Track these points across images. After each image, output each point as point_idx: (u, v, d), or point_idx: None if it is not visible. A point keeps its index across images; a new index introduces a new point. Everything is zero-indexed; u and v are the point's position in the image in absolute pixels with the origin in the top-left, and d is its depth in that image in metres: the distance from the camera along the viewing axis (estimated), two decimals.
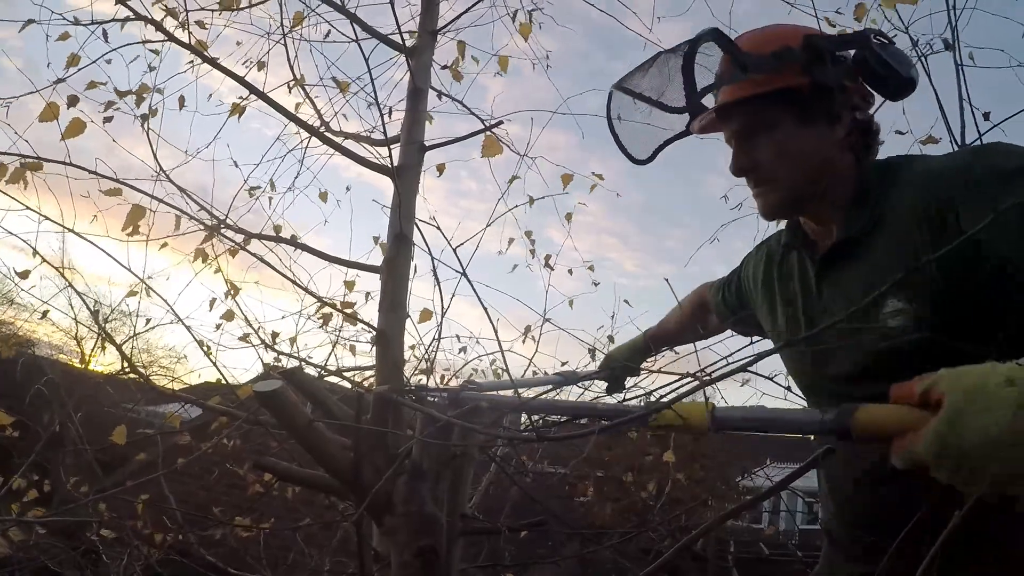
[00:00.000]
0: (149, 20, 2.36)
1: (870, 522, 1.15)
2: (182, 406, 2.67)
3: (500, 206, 2.43)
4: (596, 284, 3.45)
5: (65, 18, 2.44)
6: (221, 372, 2.45)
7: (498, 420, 1.93)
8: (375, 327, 2.07)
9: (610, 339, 3.37)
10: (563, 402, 1.61)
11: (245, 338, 2.71)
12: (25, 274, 2.42)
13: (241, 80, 2.32)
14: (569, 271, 3.35)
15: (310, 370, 2.38)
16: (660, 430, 0.95)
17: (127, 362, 2.33)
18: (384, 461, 1.75)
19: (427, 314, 2.41)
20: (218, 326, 2.77)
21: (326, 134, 2.45)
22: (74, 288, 2.26)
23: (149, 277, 2.26)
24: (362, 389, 1.94)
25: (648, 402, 0.97)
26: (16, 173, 2.11)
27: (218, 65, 2.37)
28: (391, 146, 2.13)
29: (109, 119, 2.56)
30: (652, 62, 1.16)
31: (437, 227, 1.50)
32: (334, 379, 2.55)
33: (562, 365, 3.29)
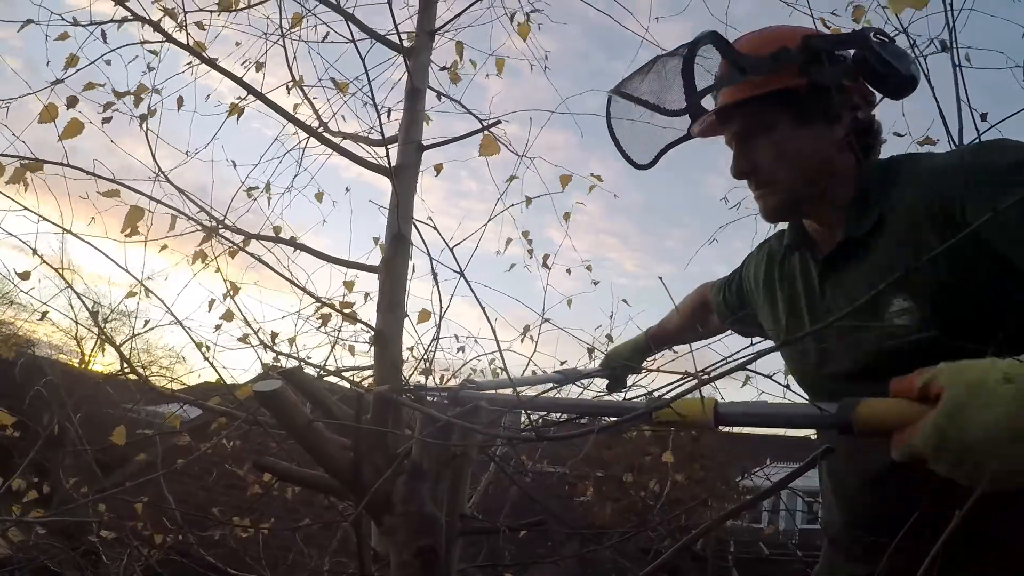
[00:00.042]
0: (147, 21, 2.36)
1: (874, 522, 1.14)
2: (180, 406, 2.67)
3: (499, 205, 2.43)
4: (595, 283, 3.45)
5: (64, 18, 2.45)
6: (219, 373, 2.45)
7: (497, 420, 1.93)
8: (373, 327, 2.07)
9: (608, 338, 3.37)
10: (565, 400, 1.61)
11: (244, 339, 2.71)
12: (25, 275, 2.42)
13: (239, 81, 2.33)
14: (567, 270, 3.35)
15: (309, 370, 2.38)
16: (663, 426, 0.95)
17: (126, 363, 2.33)
18: (384, 461, 1.75)
19: (425, 314, 2.41)
20: (217, 327, 2.78)
21: (324, 134, 2.45)
22: (73, 290, 2.26)
23: (148, 278, 2.26)
24: (362, 389, 1.93)
25: (651, 398, 0.97)
26: (17, 173, 2.10)
27: (216, 66, 2.37)
28: (389, 146, 2.13)
29: (108, 120, 2.56)
30: (650, 66, 1.15)
31: (434, 227, 1.50)
32: (333, 379, 2.55)
33: (561, 364, 3.29)
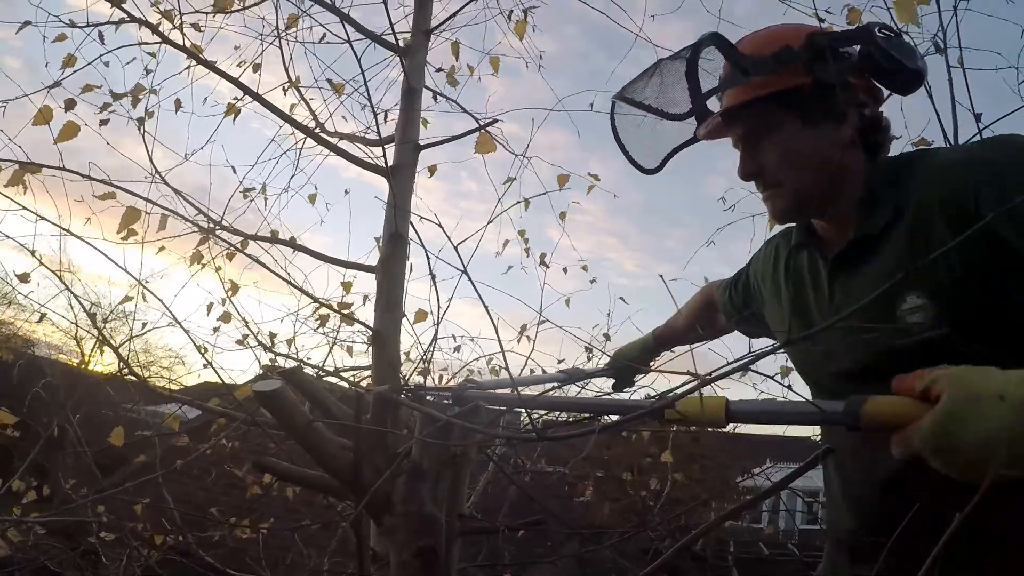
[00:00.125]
0: (143, 23, 2.37)
1: (882, 523, 1.12)
2: (179, 407, 2.67)
3: (499, 207, 2.43)
4: (592, 282, 3.45)
5: (61, 20, 2.45)
6: (218, 374, 2.45)
7: (496, 419, 1.93)
8: (371, 327, 2.07)
9: (606, 337, 3.36)
10: (570, 399, 1.60)
11: (243, 340, 2.71)
12: (24, 277, 2.42)
13: (235, 81, 2.33)
14: (564, 269, 3.34)
15: (308, 371, 2.38)
16: (675, 423, 0.97)
17: (124, 364, 2.33)
18: (384, 461, 1.75)
19: (422, 314, 2.41)
20: (215, 329, 2.78)
21: (321, 135, 2.45)
22: (71, 292, 2.25)
23: (147, 279, 2.26)
24: (362, 389, 1.94)
25: (655, 398, 0.98)
26: (15, 176, 2.10)
27: (213, 67, 2.38)
28: (386, 146, 2.13)
29: (105, 122, 2.56)
30: (653, 70, 1.14)
31: (439, 224, 1.49)
32: (332, 379, 2.55)
33: (559, 363, 3.30)
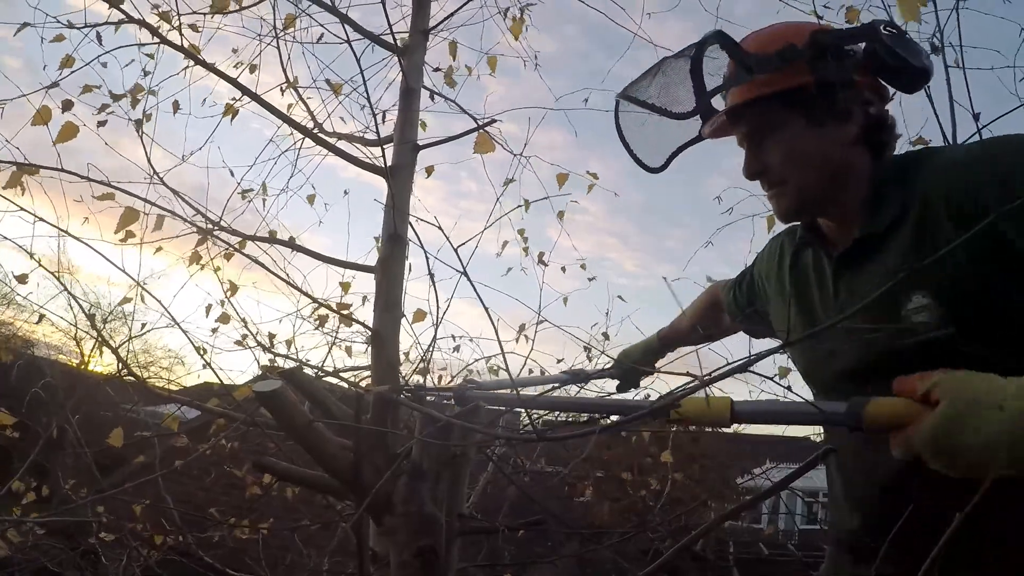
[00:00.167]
0: (142, 23, 2.37)
1: (886, 524, 1.09)
2: (178, 408, 2.67)
3: (499, 209, 2.42)
4: (590, 280, 3.43)
5: (59, 21, 2.44)
6: (217, 374, 2.45)
7: (496, 419, 1.93)
8: (370, 327, 2.07)
9: (605, 336, 3.36)
10: (573, 399, 1.59)
11: (242, 340, 2.71)
12: (23, 279, 2.42)
13: (233, 81, 2.33)
14: (562, 268, 3.33)
15: (307, 371, 2.39)
16: (680, 423, 0.99)
17: (123, 365, 2.33)
18: (384, 461, 1.75)
19: (421, 314, 2.41)
20: (214, 330, 2.78)
21: (319, 135, 2.45)
22: (70, 293, 2.25)
23: (145, 280, 2.26)
24: (361, 389, 1.94)
25: (663, 396, 0.98)
26: (13, 178, 2.10)
27: (210, 67, 2.38)
28: (384, 146, 2.13)
29: (103, 123, 2.55)
30: (657, 68, 1.14)
31: (438, 227, 1.48)
32: (331, 380, 2.55)
33: (559, 363, 3.30)
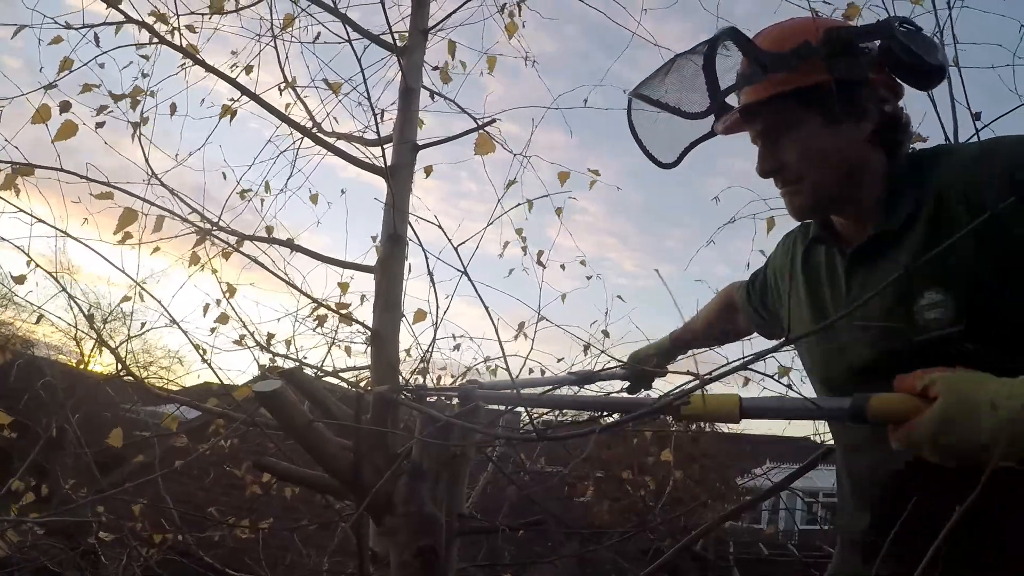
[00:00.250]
0: (140, 23, 2.36)
1: (893, 523, 1.09)
2: (177, 408, 2.67)
3: (499, 208, 2.42)
4: (589, 278, 3.40)
5: (57, 22, 2.43)
6: (216, 374, 2.45)
7: (496, 420, 1.93)
8: (370, 327, 2.07)
9: (605, 334, 3.35)
10: (578, 397, 1.59)
11: (241, 340, 2.71)
12: (21, 279, 2.41)
13: (231, 81, 2.33)
14: (562, 266, 3.31)
15: (306, 371, 2.38)
16: (689, 419, 1.02)
17: (122, 365, 2.33)
18: (384, 461, 1.75)
19: (421, 314, 2.41)
20: (213, 329, 2.77)
21: (318, 135, 2.45)
22: (68, 294, 2.25)
23: (144, 280, 2.26)
24: (361, 389, 1.94)
25: (667, 394, 1.00)
26: (8, 180, 2.10)
27: (209, 66, 2.37)
28: (384, 146, 2.12)
29: (101, 124, 2.55)
30: (670, 66, 1.13)
31: (439, 226, 1.49)
32: (331, 380, 2.55)
33: (558, 362, 3.30)
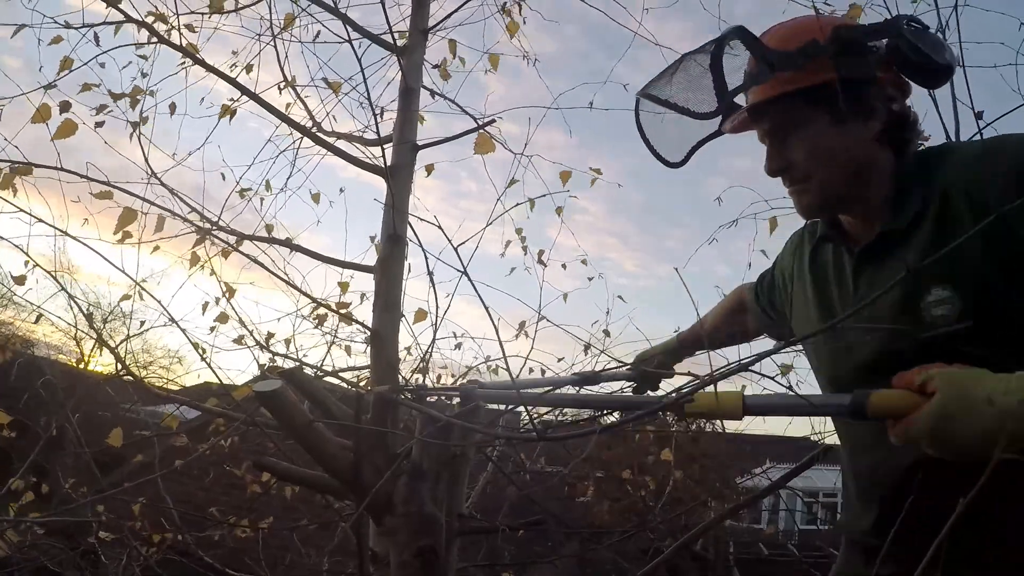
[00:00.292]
0: (140, 23, 2.36)
1: (905, 523, 1.10)
2: (177, 407, 2.67)
3: (500, 208, 2.41)
4: (590, 279, 3.39)
5: (57, 22, 2.43)
6: (216, 374, 2.45)
7: (496, 419, 1.93)
8: (369, 327, 2.07)
9: (606, 333, 3.35)
10: (580, 395, 1.59)
11: (240, 340, 2.71)
12: (21, 279, 2.41)
13: (231, 80, 2.33)
14: (563, 265, 3.30)
15: (306, 371, 2.38)
16: (694, 416, 1.03)
17: (122, 364, 2.33)
18: (384, 461, 1.75)
19: (421, 314, 2.40)
20: (212, 328, 2.77)
21: (318, 134, 2.45)
22: (68, 293, 2.25)
23: (143, 280, 2.25)
24: (362, 390, 1.94)
25: (668, 393, 1.01)
26: (5, 179, 2.09)
27: (208, 66, 2.37)
28: (384, 146, 2.12)
29: (101, 124, 2.55)
30: (677, 65, 1.14)
31: (439, 226, 1.48)
32: (331, 379, 2.55)
33: (559, 361, 3.30)
